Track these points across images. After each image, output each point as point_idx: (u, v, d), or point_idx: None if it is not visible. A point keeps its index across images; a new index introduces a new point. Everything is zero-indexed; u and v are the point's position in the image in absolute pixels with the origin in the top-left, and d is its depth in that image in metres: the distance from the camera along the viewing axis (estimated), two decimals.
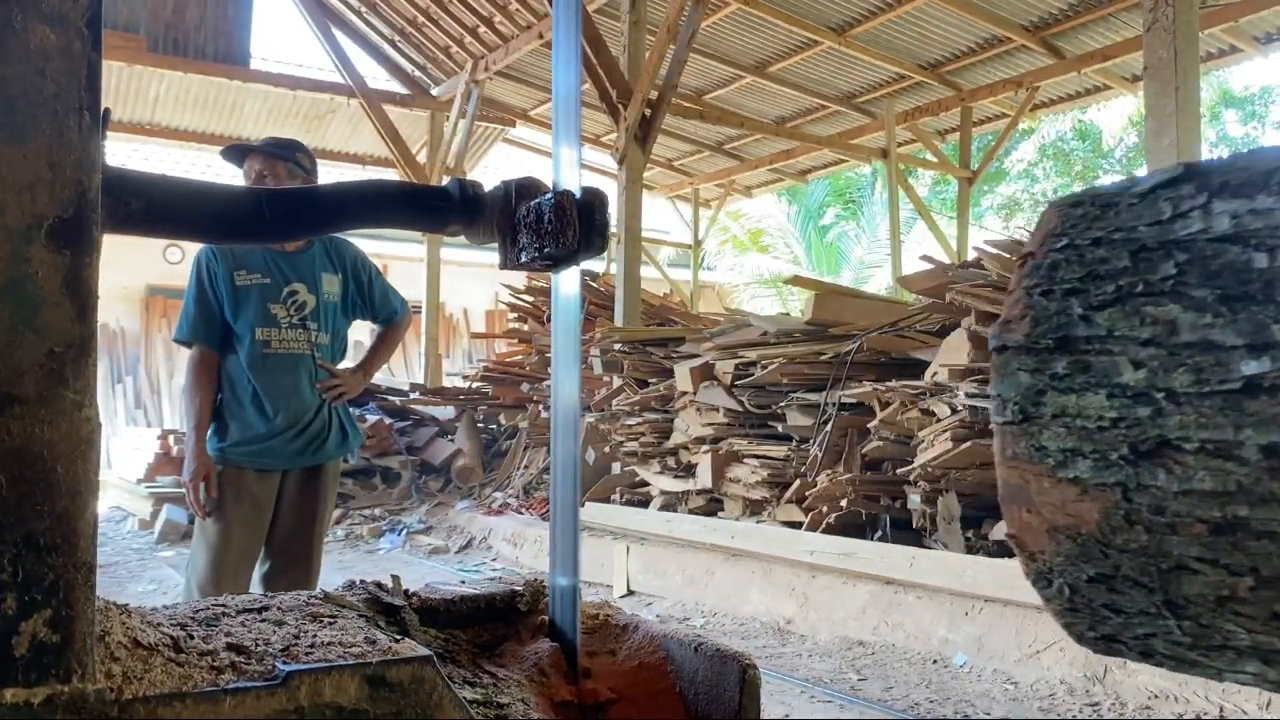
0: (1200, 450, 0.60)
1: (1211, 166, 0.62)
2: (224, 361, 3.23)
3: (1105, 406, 0.65)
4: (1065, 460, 0.68)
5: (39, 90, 0.76)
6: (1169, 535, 0.63)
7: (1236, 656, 0.65)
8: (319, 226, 1.68)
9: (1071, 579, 0.72)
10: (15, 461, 0.73)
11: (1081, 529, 0.68)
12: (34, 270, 0.75)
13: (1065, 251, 0.70)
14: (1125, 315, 0.65)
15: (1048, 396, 0.69)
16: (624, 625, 1.23)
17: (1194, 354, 0.60)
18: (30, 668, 0.72)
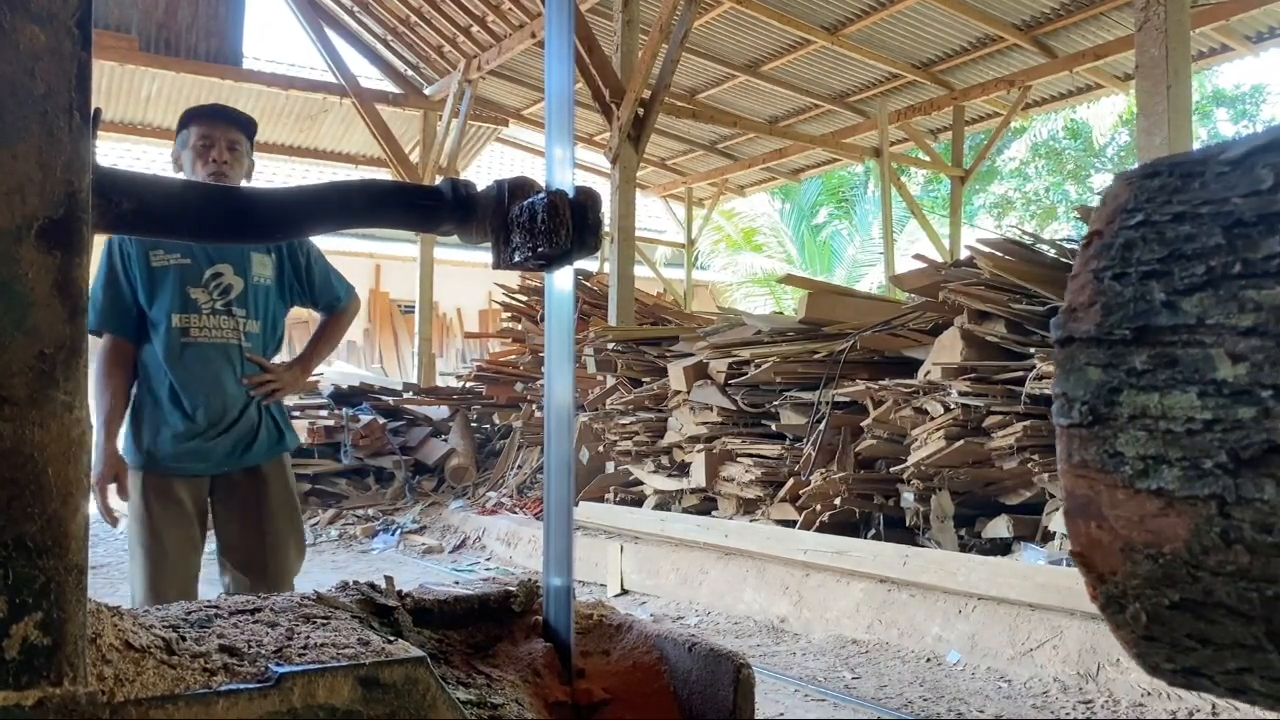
0: None
1: None
2: (139, 353, 2.91)
3: (1197, 407, 0.57)
4: (1146, 469, 0.59)
5: (28, 90, 0.75)
6: (1276, 557, 0.54)
7: None
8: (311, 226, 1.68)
9: (1151, 604, 0.62)
10: (5, 463, 0.73)
11: (1165, 548, 0.59)
12: (24, 271, 0.75)
13: (1141, 229, 0.61)
14: (1220, 300, 0.55)
15: (1124, 395, 0.60)
16: (618, 625, 1.23)
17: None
18: (21, 670, 0.72)
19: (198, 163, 2.86)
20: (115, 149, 13.61)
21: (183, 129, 2.93)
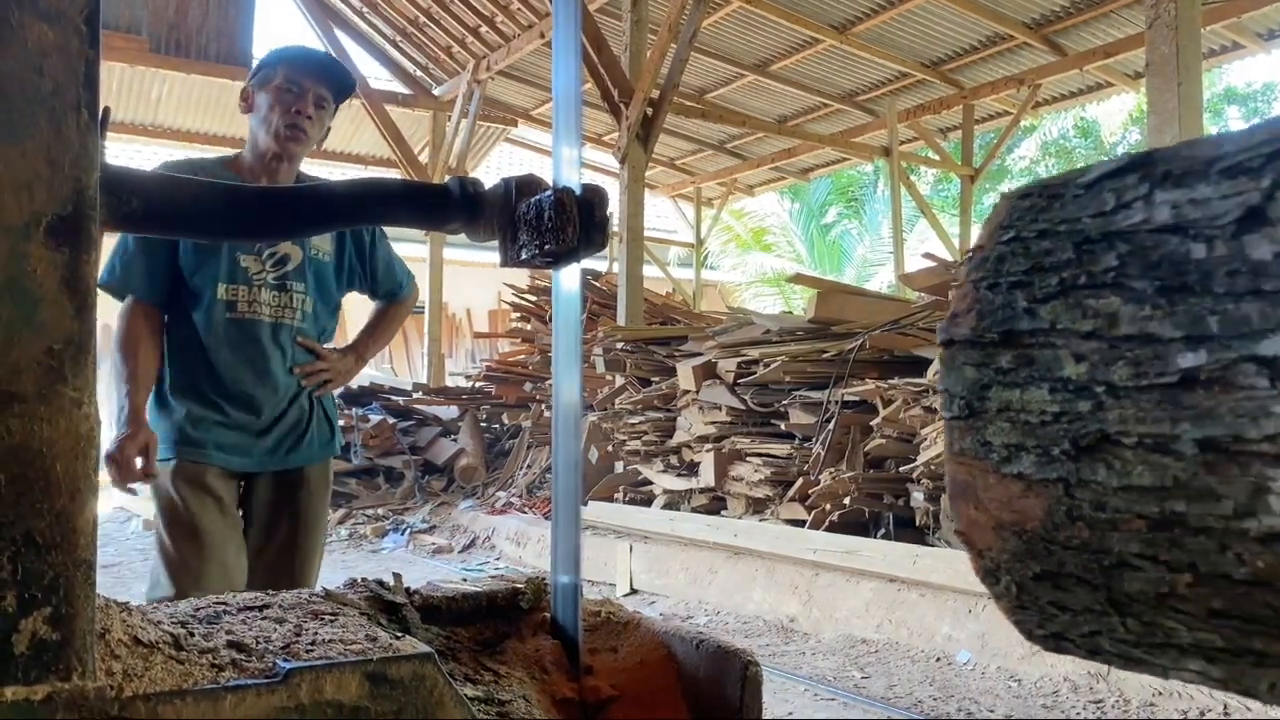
0: (1139, 445, 0.59)
1: (1156, 156, 0.61)
2: (170, 328, 2.52)
3: (1048, 401, 0.64)
4: (1009, 456, 0.67)
5: (36, 88, 0.76)
6: (1110, 531, 0.62)
7: (1180, 654, 0.64)
8: (321, 224, 1.68)
9: (1018, 576, 0.70)
10: (14, 459, 0.73)
11: (1026, 525, 0.67)
12: (32, 268, 0.75)
13: (1011, 244, 0.69)
14: (1068, 308, 0.63)
15: (992, 391, 0.68)
16: (625, 622, 1.23)
17: (1133, 346, 0.59)
18: (30, 665, 0.72)
19: (276, 109, 2.49)
20: (126, 150, 13.67)
21: (267, 66, 2.54)
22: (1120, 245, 0.61)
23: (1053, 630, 0.71)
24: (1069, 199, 0.66)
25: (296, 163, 2.59)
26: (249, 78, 2.58)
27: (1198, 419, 0.55)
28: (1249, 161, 0.55)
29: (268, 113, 2.50)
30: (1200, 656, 0.63)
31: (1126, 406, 0.59)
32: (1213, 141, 0.58)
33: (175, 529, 2.40)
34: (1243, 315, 0.53)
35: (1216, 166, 0.56)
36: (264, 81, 2.53)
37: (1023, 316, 0.66)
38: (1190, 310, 0.56)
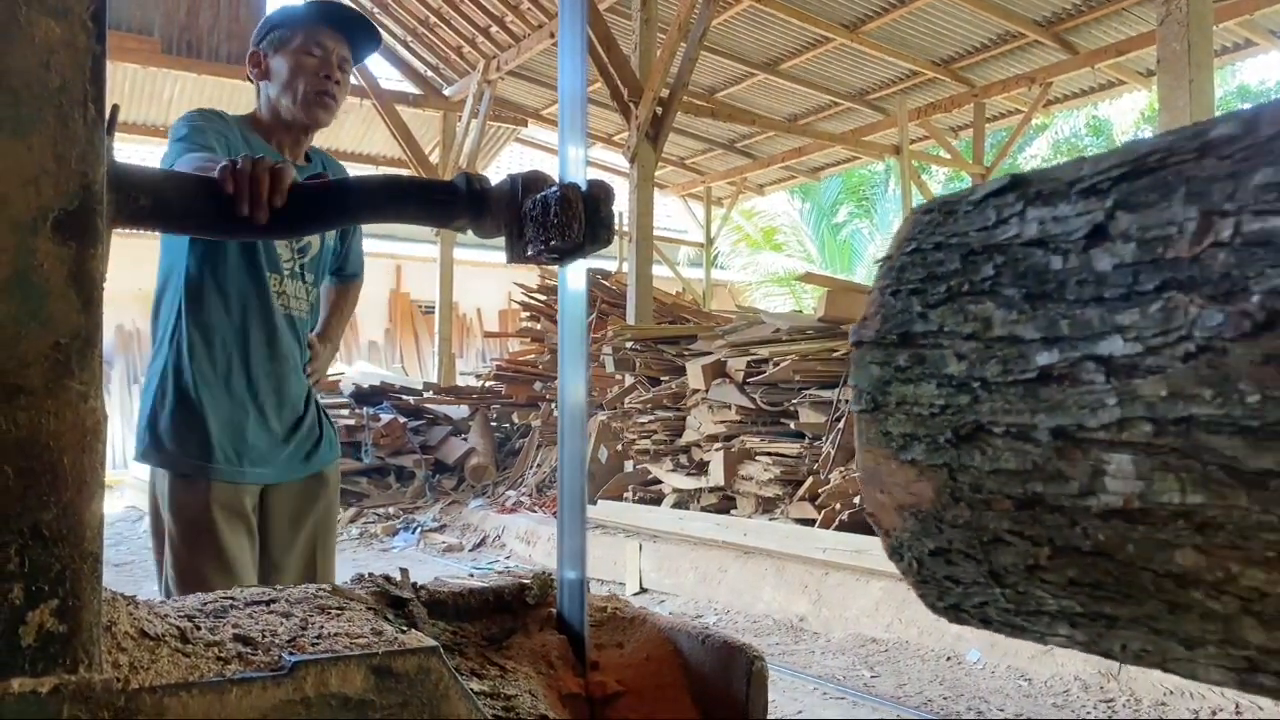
0: (1006, 433, 0.66)
1: (1032, 176, 0.68)
2: (198, 311, 2.21)
3: (935, 395, 0.71)
4: (906, 444, 0.75)
5: (43, 83, 0.76)
6: (985, 511, 0.69)
7: (1050, 620, 0.71)
8: (331, 221, 1.68)
9: (917, 553, 0.78)
10: (21, 452, 0.74)
11: (920, 507, 0.75)
12: (39, 262, 0.76)
13: (912, 255, 0.76)
14: (953, 313, 0.70)
15: (892, 386, 0.75)
16: (632, 618, 1.23)
17: (1003, 347, 0.66)
18: (37, 657, 0.73)
19: (301, 75, 2.28)
20: (138, 150, 13.72)
21: (281, 27, 2.33)
22: (997, 257, 0.68)
23: (950, 602, 0.79)
24: (960, 215, 0.73)
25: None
26: (257, 39, 2.36)
27: (1050, 410, 0.62)
28: (1100, 183, 0.62)
29: (290, 79, 2.29)
30: (1066, 622, 0.70)
31: (996, 400, 0.67)
32: (1075, 164, 0.64)
33: (202, 554, 2.17)
34: (1087, 319, 0.60)
35: (1075, 187, 0.63)
36: (280, 44, 2.31)
37: (917, 320, 0.73)
38: (1048, 315, 0.63)
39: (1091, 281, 0.61)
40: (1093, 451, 0.60)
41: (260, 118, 2.37)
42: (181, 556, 2.17)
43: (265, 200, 1.18)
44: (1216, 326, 0.53)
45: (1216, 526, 0.55)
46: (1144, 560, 0.60)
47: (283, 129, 2.35)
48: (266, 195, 1.18)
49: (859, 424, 0.80)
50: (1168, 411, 0.56)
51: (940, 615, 0.81)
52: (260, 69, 2.35)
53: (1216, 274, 0.54)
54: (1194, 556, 0.57)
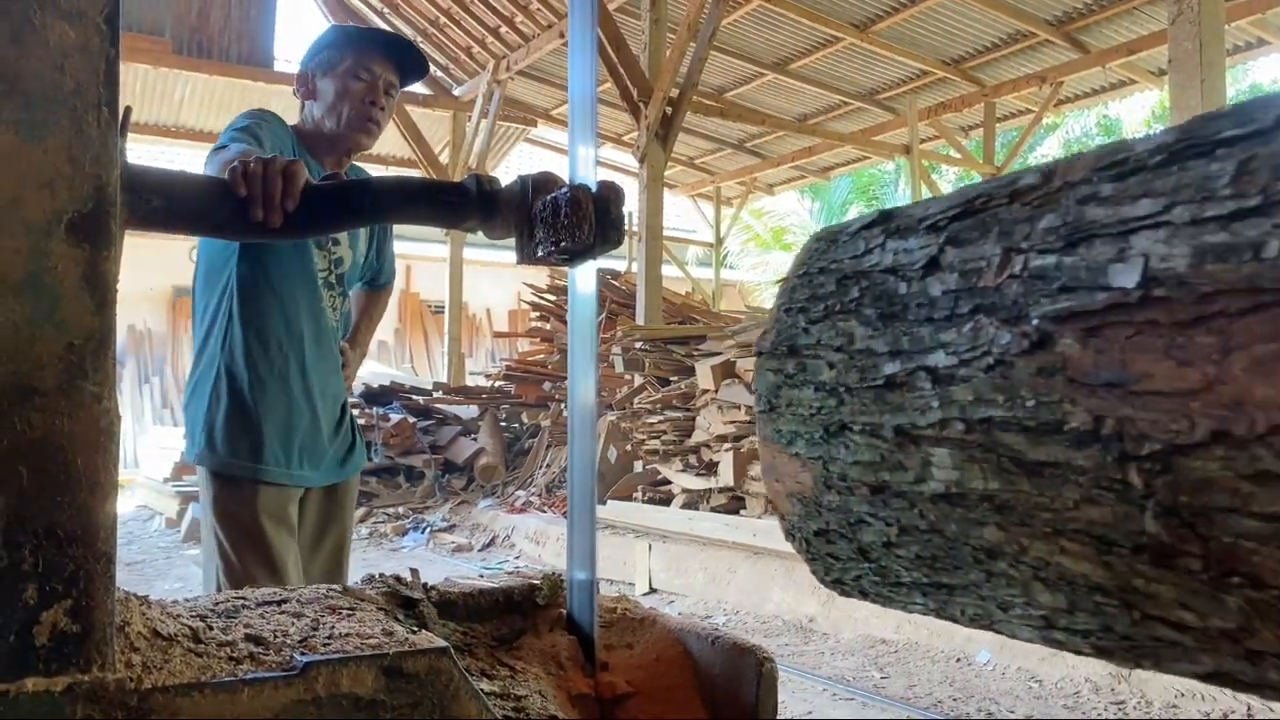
0: (862, 430, 0.78)
1: (895, 212, 0.79)
2: (248, 303, 2.23)
3: (813, 398, 0.83)
4: (792, 440, 0.86)
5: (58, 86, 0.77)
6: (850, 496, 0.81)
7: (908, 591, 0.82)
8: (342, 222, 1.69)
9: (805, 534, 0.90)
10: (36, 453, 0.74)
11: (804, 494, 0.87)
12: (54, 264, 0.76)
13: (803, 278, 0.87)
14: (827, 328, 0.82)
15: (783, 391, 0.87)
16: (641, 619, 1.23)
17: (861, 358, 0.77)
18: (51, 657, 0.73)
19: (347, 99, 2.32)
20: (149, 151, 13.77)
21: (330, 48, 2.37)
22: (862, 281, 0.79)
23: (834, 577, 0.91)
24: (840, 244, 0.85)
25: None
26: (306, 60, 2.39)
27: (893, 411, 0.74)
28: (939, 221, 0.72)
29: (336, 101, 2.32)
30: (919, 592, 0.81)
31: (855, 403, 0.78)
32: (926, 203, 0.76)
33: (251, 557, 2.19)
34: (920, 336, 0.71)
35: (923, 224, 0.74)
36: (328, 66, 2.35)
37: (802, 334, 0.85)
38: (894, 331, 0.74)
39: (926, 304, 0.71)
40: (923, 446, 0.72)
41: (304, 131, 2.40)
42: (232, 561, 2.19)
43: (278, 203, 1.17)
44: (1006, 344, 0.64)
45: (1010, 508, 0.66)
46: (964, 537, 0.71)
47: (325, 147, 2.38)
48: (279, 198, 1.18)
49: (759, 423, 0.92)
50: (973, 413, 0.67)
51: (829, 589, 0.93)
52: (308, 88, 2.38)
53: (1009, 301, 0.64)
54: (997, 533, 0.68)
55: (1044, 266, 0.62)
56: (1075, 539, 0.62)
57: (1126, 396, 0.57)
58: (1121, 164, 0.62)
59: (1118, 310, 0.57)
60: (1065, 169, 0.66)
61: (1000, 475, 0.66)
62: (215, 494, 2.22)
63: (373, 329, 2.76)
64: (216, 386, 2.23)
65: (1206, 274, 0.53)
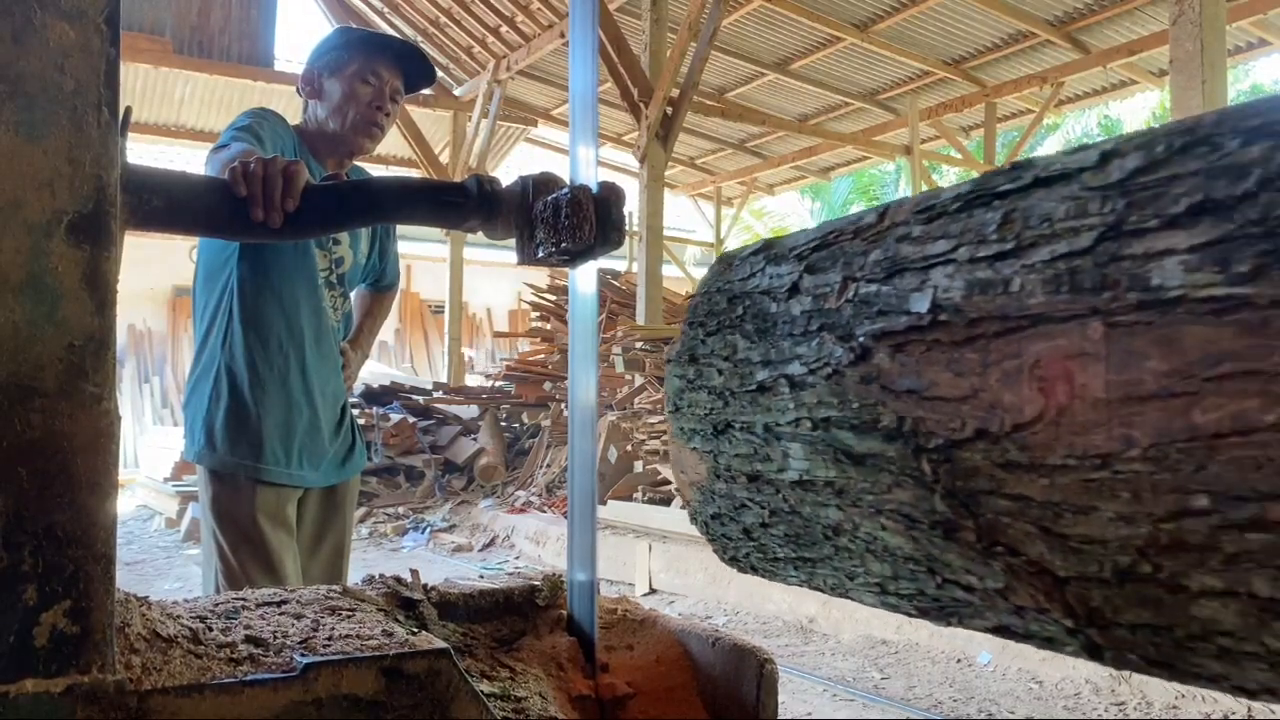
0: (741, 428, 0.90)
1: (774, 241, 0.92)
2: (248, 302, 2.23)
3: (706, 401, 0.95)
4: (691, 436, 1.00)
5: (58, 86, 0.76)
6: (733, 484, 0.94)
7: (783, 564, 0.94)
8: (343, 223, 1.68)
9: (705, 518, 1.04)
10: (36, 454, 0.74)
11: (701, 483, 1.00)
12: (54, 265, 0.76)
13: (705, 296, 1.00)
14: (719, 341, 0.94)
15: (685, 395, 1.00)
16: (642, 620, 1.23)
17: (742, 367, 0.89)
18: (50, 658, 0.73)
19: (353, 102, 2.32)
20: (150, 150, 13.78)
21: (337, 50, 2.36)
22: (746, 301, 0.91)
23: (730, 555, 1.03)
24: (734, 267, 0.97)
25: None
26: (314, 59, 2.38)
27: (764, 412, 0.86)
28: (803, 252, 0.85)
29: (342, 103, 2.32)
30: (791, 566, 0.94)
31: (736, 405, 0.91)
32: (796, 235, 0.88)
33: (249, 556, 2.19)
34: (783, 349, 0.84)
35: (793, 253, 0.86)
36: (335, 67, 2.34)
37: (700, 345, 0.97)
38: (765, 344, 0.86)
39: (788, 322, 0.83)
40: (783, 441, 0.85)
41: (307, 131, 2.39)
42: (230, 560, 2.19)
43: (279, 203, 1.17)
44: (839, 357, 0.76)
45: (845, 492, 0.79)
46: (815, 517, 0.85)
47: (327, 148, 2.38)
48: (280, 198, 1.17)
49: (669, 422, 1.06)
50: (817, 414, 0.80)
51: (728, 565, 1.06)
52: (313, 88, 2.37)
53: (844, 321, 0.76)
54: (837, 513, 0.82)
55: (869, 293, 0.74)
56: (891, 517, 0.75)
57: (920, 401, 0.69)
58: (931, 209, 0.72)
59: (915, 331, 0.69)
60: (894, 211, 0.76)
61: (836, 465, 0.79)
62: (214, 493, 2.22)
63: (375, 330, 2.75)
64: (216, 385, 2.23)
65: (974, 304, 0.65)
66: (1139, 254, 0.56)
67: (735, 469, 0.92)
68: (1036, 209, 0.63)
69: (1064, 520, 0.61)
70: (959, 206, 0.70)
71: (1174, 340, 0.54)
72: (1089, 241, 0.59)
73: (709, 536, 1.04)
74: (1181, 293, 0.53)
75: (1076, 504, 0.60)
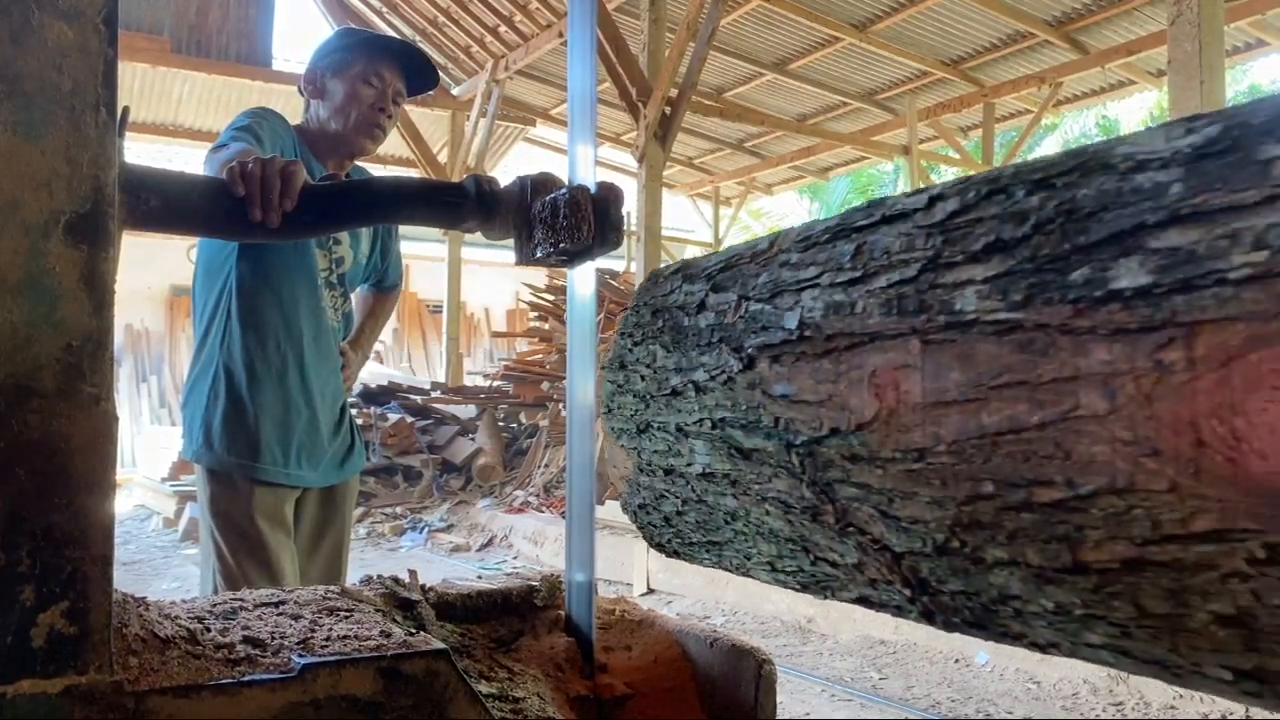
0: (659, 428, 1.01)
1: (692, 262, 1.04)
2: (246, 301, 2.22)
3: (632, 404, 1.06)
4: (620, 435, 1.10)
5: (56, 86, 0.76)
6: (653, 477, 1.05)
7: (697, 548, 1.05)
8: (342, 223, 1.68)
9: (633, 508, 1.14)
10: (34, 454, 0.74)
11: (629, 477, 1.11)
12: (52, 265, 0.76)
13: (635, 311, 1.10)
14: (643, 350, 1.05)
15: (616, 398, 1.10)
16: (640, 620, 1.23)
17: (660, 374, 1.00)
18: (48, 659, 0.73)
19: (355, 103, 2.32)
20: (148, 150, 13.76)
21: (341, 51, 2.36)
22: (665, 315, 1.02)
23: (656, 542, 1.14)
24: (659, 283, 1.08)
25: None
26: (317, 58, 2.38)
27: (676, 413, 0.98)
28: (710, 272, 0.97)
29: (344, 103, 2.32)
30: (703, 549, 1.06)
31: (655, 407, 1.02)
32: (709, 257, 1.01)
33: (246, 556, 2.19)
34: (692, 357, 0.95)
35: (704, 273, 0.98)
36: (339, 67, 2.33)
37: (628, 353, 1.08)
38: (679, 353, 0.98)
39: (696, 334, 0.95)
40: (690, 438, 0.96)
41: (308, 131, 2.39)
42: (227, 559, 2.20)
43: (277, 203, 1.17)
44: (732, 366, 0.87)
45: (738, 482, 0.91)
46: (716, 506, 0.96)
47: (328, 148, 2.38)
48: (278, 198, 1.17)
49: (602, 422, 1.16)
50: (715, 415, 0.91)
51: (656, 551, 1.16)
52: (316, 88, 2.37)
53: (737, 334, 0.87)
54: (733, 501, 0.93)
55: (756, 311, 0.86)
56: (772, 503, 0.87)
57: (791, 404, 0.80)
58: (808, 239, 0.84)
59: (787, 344, 0.81)
60: (782, 239, 0.88)
61: (730, 459, 0.90)
62: (212, 493, 2.22)
63: (378, 331, 2.75)
64: (214, 385, 2.23)
65: (830, 322, 0.76)
66: (949, 283, 0.67)
67: (655, 464, 1.04)
68: (880, 243, 0.74)
69: (895, 504, 0.72)
70: (827, 238, 0.81)
71: (970, 356, 0.65)
72: (914, 272, 0.70)
73: (638, 524, 1.14)
74: (976, 316, 0.64)
75: (903, 490, 0.71)
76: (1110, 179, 0.60)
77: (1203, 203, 0.53)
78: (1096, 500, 0.58)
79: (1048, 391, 0.59)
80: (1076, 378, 0.58)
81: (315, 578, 2.38)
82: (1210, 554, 0.53)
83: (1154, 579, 0.57)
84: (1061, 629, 0.66)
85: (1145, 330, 0.54)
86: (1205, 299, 0.52)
